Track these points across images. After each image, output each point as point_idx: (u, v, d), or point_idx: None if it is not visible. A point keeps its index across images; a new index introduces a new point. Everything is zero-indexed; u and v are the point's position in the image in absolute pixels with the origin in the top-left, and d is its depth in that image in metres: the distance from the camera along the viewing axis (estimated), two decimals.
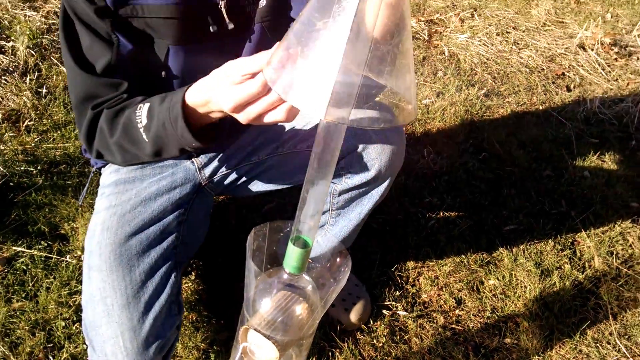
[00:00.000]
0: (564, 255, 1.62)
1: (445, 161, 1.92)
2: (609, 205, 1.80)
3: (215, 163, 1.21)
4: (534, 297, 1.48)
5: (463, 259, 1.57)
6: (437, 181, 1.83)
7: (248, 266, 0.76)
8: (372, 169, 1.11)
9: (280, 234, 0.80)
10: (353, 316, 1.35)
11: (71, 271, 1.40)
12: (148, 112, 0.88)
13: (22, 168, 1.66)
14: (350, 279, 1.45)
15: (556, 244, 1.65)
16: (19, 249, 1.44)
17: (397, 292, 1.46)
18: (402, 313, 1.41)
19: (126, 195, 1.12)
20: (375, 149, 1.09)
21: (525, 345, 1.36)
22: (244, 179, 1.24)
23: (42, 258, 1.42)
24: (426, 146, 1.97)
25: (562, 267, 1.57)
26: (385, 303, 1.43)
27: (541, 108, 2.31)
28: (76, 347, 1.25)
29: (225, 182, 1.24)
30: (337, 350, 1.31)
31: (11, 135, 1.80)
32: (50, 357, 1.23)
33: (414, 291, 1.48)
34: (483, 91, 2.36)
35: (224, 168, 1.21)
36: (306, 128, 1.17)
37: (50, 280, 1.38)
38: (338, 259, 0.81)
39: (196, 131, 0.85)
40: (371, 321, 1.38)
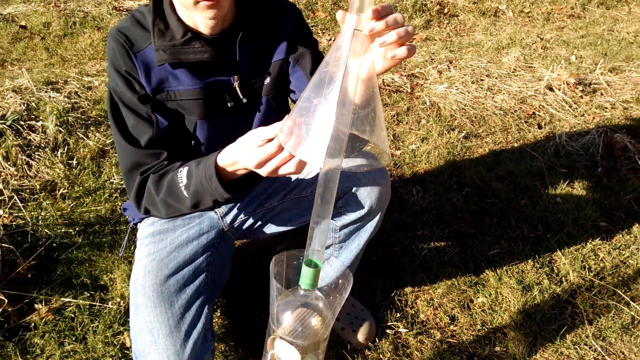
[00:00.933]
0: (543, 272, 1.83)
1: (432, 198, 2.16)
2: (580, 226, 2.03)
3: (234, 211, 1.45)
4: (518, 310, 1.68)
5: (454, 282, 1.78)
6: (427, 215, 2.07)
7: (272, 286, 0.97)
8: (365, 206, 1.35)
9: (294, 262, 1.02)
10: (360, 336, 1.55)
11: (113, 315, 1.61)
12: (187, 174, 1.13)
13: (63, 230, 1.89)
14: (356, 305, 1.65)
15: (535, 263, 1.86)
16: (67, 300, 1.65)
17: (398, 314, 1.67)
18: (404, 331, 1.61)
19: (162, 243, 1.34)
20: (365, 189, 1.33)
21: (512, 351, 1.56)
22: (260, 223, 1.48)
23: (87, 306, 1.64)
24: (415, 186, 2.22)
25: (542, 283, 1.78)
26: (388, 324, 1.63)
27: (516, 145, 2.58)
28: None
29: (244, 227, 1.47)
30: None
31: (48, 203, 2.05)
32: None
33: (413, 312, 1.68)
34: (463, 134, 2.63)
35: (242, 215, 1.45)
36: (309, 177, 1.41)
37: (95, 324, 1.58)
38: (341, 280, 1.02)
39: (226, 185, 1.10)
40: (377, 340, 1.58)
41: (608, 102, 2.98)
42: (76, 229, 1.91)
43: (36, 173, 2.22)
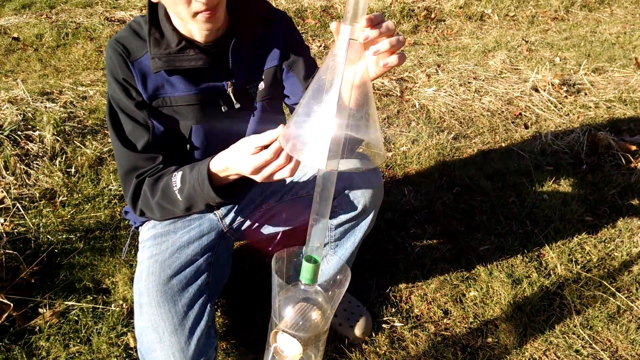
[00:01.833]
0: (532, 266, 1.89)
1: (424, 197, 2.22)
2: (567, 221, 2.10)
3: (233, 213, 1.50)
4: (509, 303, 1.74)
5: (446, 277, 1.84)
6: (419, 214, 2.13)
7: (273, 281, 1.02)
8: (359, 205, 1.40)
9: (295, 258, 1.07)
10: (357, 331, 1.61)
11: (116, 317, 1.65)
12: (181, 178, 1.17)
13: (64, 236, 1.93)
14: (352, 302, 1.71)
15: (524, 258, 1.93)
16: (70, 303, 1.69)
17: (393, 309, 1.72)
18: (399, 325, 1.66)
19: (164, 245, 1.39)
20: (359, 189, 1.38)
21: (504, 342, 1.62)
22: (258, 224, 1.53)
23: (90, 309, 1.68)
24: (407, 186, 2.29)
25: (531, 276, 1.85)
26: (384, 319, 1.69)
27: (503, 145, 2.65)
28: None
29: (242, 228, 1.53)
30: None
31: (49, 210, 2.09)
32: None
33: (407, 307, 1.74)
34: (452, 135, 2.70)
35: (241, 216, 1.50)
36: (304, 179, 1.46)
37: (99, 326, 1.62)
38: (339, 276, 1.07)
39: (218, 190, 1.14)
40: (373, 334, 1.63)
41: (592, 102, 3.07)
42: (77, 235, 1.95)
43: (35, 181, 2.26)
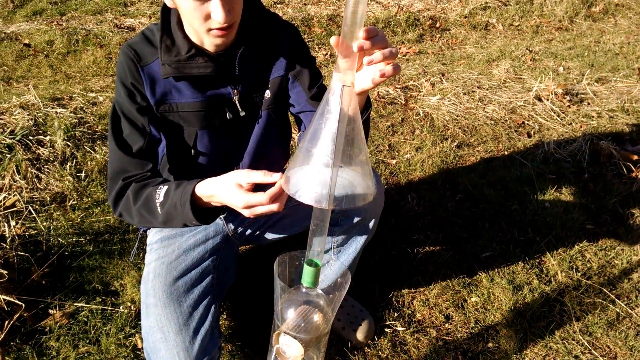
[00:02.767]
0: (533, 272, 1.92)
1: (427, 204, 2.26)
2: (568, 229, 2.13)
3: (239, 218, 1.54)
4: (509, 309, 1.77)
5: (448, 283, 1.87)
6: (422, 221, 2.16)
7: (276, 285, 1.05)
8: (361, 212, 1.44)
9: (296, 262, 1.10)
10: (360, 335, 1.64)
11: (124, 319, 1.69)
12: (165, 193, 1.17)
13: (74, 239, 1.98)
14: (355, 306, 1.74)
15: (525, 264, 1.96)
16: (80, 305, 1.73)
17: (396, 313, 1.75)
18: (401, 329, 1.69)
19: (170, 248, 1.43)
20: None
21: (504, 347, 1.64)
22: (262, 229, 1.57)
23: (99, 310, 1.72)
24: (410, 192, 2.32)
25: (531, 283, 1.88)
26: (386, 323, 1.72)
27: (506, 153, 2.69)
28: None
29: (247, 233, 1.56)
30: None
31: (59, 213, 2.13)
32: None
33: (410, 312, 1.77)
34: (455, 143, 2.74)
35: (246, 221, 1.54)
36: None
37: (108, 327, 1.66)
38: (339, 279, 1.10)
39: (197, 212, 1.14)
40: (376, 338, 1.66)
41: (594, 111, 3.10)
42: (87, 238, 1.99)
43: (46, 185, 2.31)
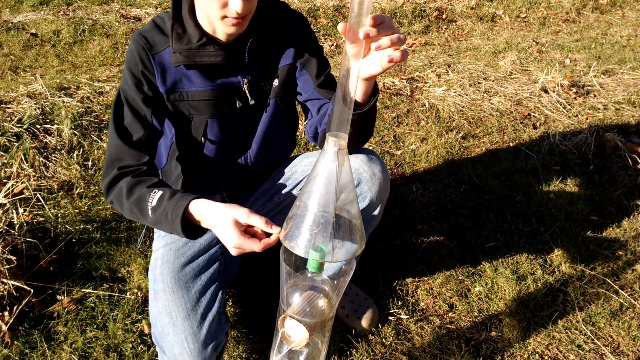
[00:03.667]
0: (536, 263, 1.93)
1: (432, 194, 2.26)
2: (573, 220, 2.13)
3: (246, 205, 1.54)
4: (513, 298, 1.78)
5: (452, 272, 1.88)
6: (427, 211, 2.17)
7: (282, 270, 1.06)
8: (366, 199, 1.44)
9: None
10: (364, 322, 1.65)
11: (131, 305, 1.71)
12: (159, 199, 1.17)
13: (81, 227, 2.00)
14: (360, 294, 1.75)
15: (529, 255, 1.97)
16: (87, 291, 1.75)
17: (400, 302, 1.77)
18: (405, 317, 1.71)
19: None
20: (366, 184, 1.41)
21: (507, 336, 1.66)
22: (269, 216, 1.57)
23: (107, 297, 1.74)
24: (415, 183, 2.33)
25: (535, 273, 1.88)
26: (390, 311, 1.73)
27: (511, 145, 2.69)
28: None
29: None
30: (354, 349, 1.60)
31: (66, 201, 2.15)
32: None
33: (413, 300, 1.78)
34: (460, 134, 2.74)
35: (253, 208, 1.55)
36: None
37: (115, 313, 1.68)
38: (344, 266, 1.12)
39: (186, 227, 1.15)
40: (379, 326, 1.68)
41: (600, 103, 3.09)
42: (94, 226, 2.01)
43: (53, 174, 2.33)
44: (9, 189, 2.01)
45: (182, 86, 1.30)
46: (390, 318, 1.71)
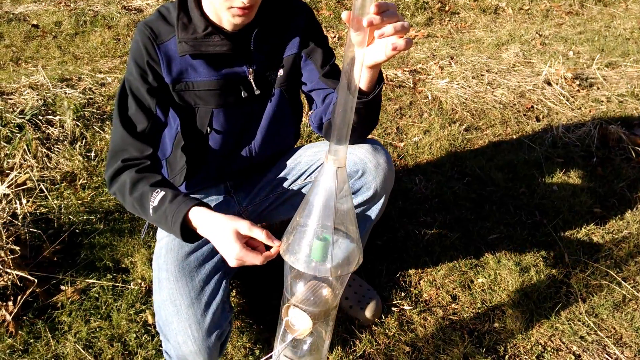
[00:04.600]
0: (539, 255, 1.93)
1: (435, 186, 2.26)
2: (576, 212, 2.13)
3: (250, 196, 1.55)
4: (516, 290, 1.78)
5: (455, 264, 1.89)
6: (430, 203, 2.17)
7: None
8: (371, 190, 1.43)
9: None
10: (368, 313, 1.66)
11: (135, 295, 1.72)
12: (161, 200, 1.17)
13: (84, 217, 2.00)
14: (363, 285, 1.76)
15: (532, 247, 1.97)
16: (91, 281, 1.76)
17: (403, 293, 1.77)
18: (408, 308, 1.71)
19: None
20: (371, 174, 1.41)
21: (510, 327, 1.66)
22: (273, 207, 1.58)
23: (110, 287, 1.74)
24: (418, 175, 2.32)
25: (538, 265, 1.89)
26: (393, 302, 1.74)
27: (514, 137, 2.68)
28: (147, 352, 1.55)
29: (258, 210, 1.58)
30: (357, 340, 1.61)
31: (69, 192, 2.15)
32: None
33: (416, 292, 1.79)
34: (463, 127, 2.73)
35: (257, 198, 1.55)
36: (317, 164, 1.50)
37: (119, 303, 1.69)
38: (347, 255, 1.12)
39: (184, 231, 1.16)
40: (383, 317, 1.68)
41: (604, 96, 3.08)
42: (97, 216, 2.01)
43: (56, 165, 2.33)
44: (12, 180, 2.01)
45: (188, 76, 1.29)
46: (393, 309, 1.71)
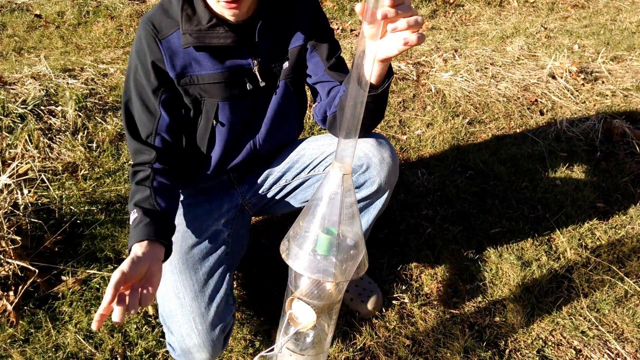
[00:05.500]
0: (541, 249, 1.92)
1: (437, 180, 2.25)
2: (578, 206, 2.12)
3: (253, 188, 1.55)
4: (517, 284, 1.78)
5: (457, 258, 1.88)
6: (432, 196, 2.16)
7: None
8: (375, 184, 1.43)
9: None
10: (369, 306, 1.65)
11: None
12: (133, 221, 1.20)
13: (86, 208, 2.00)
14: (364, 278, 1.75)
15: (534, 241, 1.96)
16: (92, 272, 1.76)
17: (404, 287, 1.77)
18: (409, 302, 1.71)
19: (186, 216, 1.44)
20: (375, 168, 1.40)
21: (511, 321, 1.66)
22: (276, 199, 1.58)
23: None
24: (420, 168, 2.31)
25: (540, 259, 1.88)
26: (394, 296, 1.73)
27: (518, 131, 2.66)
28: (147, 343, 1.55)
29: (261, 203, 1.57)
30: (358, 333, 1.61)
31: (71, 183, 2.15)
32: (128, 352, 1.53)
33: (417, 285, 1.78)
34: (467, 120, 2.72)
35: (260, 191, 1.55)
36: (321, 157, 1.49)
37: None
38: (352, 250, 1.12)
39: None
40: (383, 310, 1.68)
41: (609, 90, 3.06)
42: (98, 207, 2.01)
43: (58, 155, 2.32)
44: (14, 170, 2.01)
45: (192, 70, 1.28)
46: (394, 302, 1.71)
